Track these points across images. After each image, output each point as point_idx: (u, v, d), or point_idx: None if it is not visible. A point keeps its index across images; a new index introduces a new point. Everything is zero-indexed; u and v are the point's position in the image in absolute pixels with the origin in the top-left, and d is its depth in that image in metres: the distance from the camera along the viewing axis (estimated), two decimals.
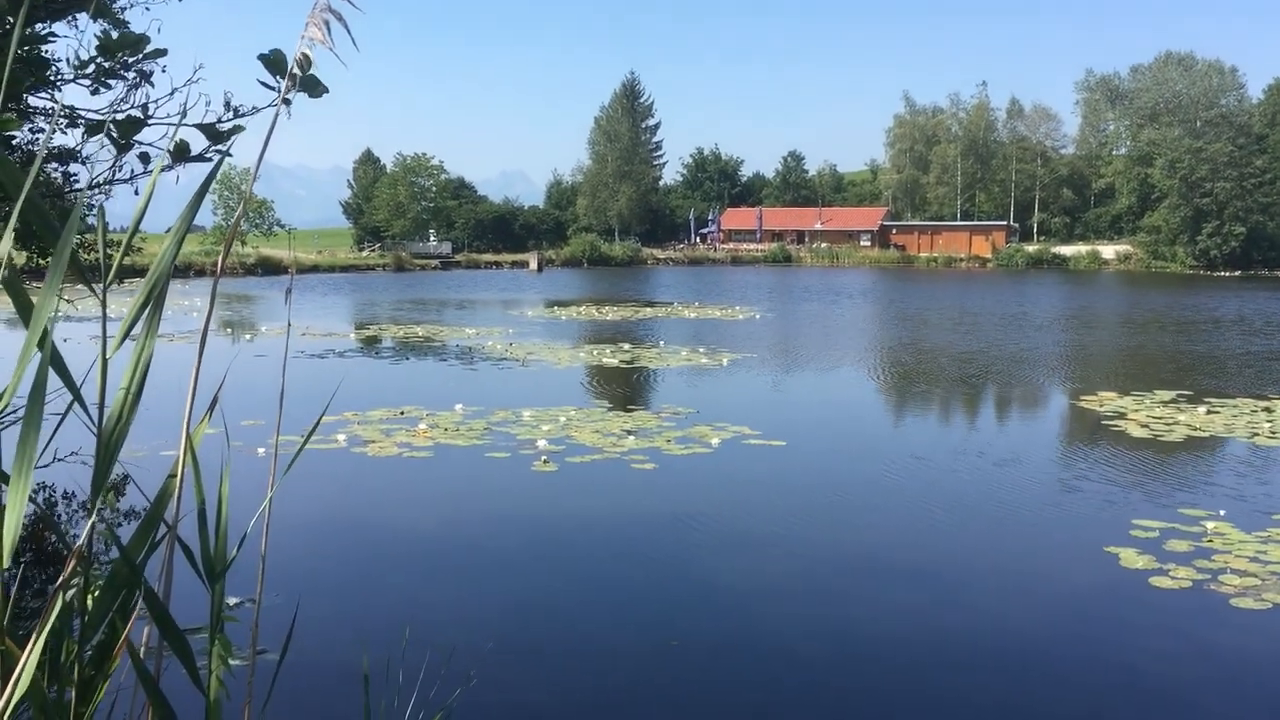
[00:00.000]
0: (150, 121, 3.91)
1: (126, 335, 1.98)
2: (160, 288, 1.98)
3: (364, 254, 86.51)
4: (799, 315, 39.95)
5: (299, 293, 50.47)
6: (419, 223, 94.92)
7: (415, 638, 6.26)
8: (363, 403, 16.93)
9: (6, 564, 1.77)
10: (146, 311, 1.98)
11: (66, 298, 2.80)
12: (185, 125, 3.71)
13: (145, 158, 3.85)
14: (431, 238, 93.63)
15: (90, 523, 1.87)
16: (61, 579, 1.85)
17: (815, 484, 12.37)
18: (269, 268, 68.55)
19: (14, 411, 2.37)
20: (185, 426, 2.08)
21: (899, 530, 10.39)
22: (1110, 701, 6.57)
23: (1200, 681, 6.91)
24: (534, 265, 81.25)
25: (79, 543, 1.88)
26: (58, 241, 1.81)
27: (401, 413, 16.18)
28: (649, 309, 41.15)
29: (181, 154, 3.61)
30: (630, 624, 7.86)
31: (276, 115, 2.40)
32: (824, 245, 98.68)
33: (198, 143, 3.61)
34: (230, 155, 3.39)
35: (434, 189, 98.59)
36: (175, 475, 2.05)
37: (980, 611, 8.18)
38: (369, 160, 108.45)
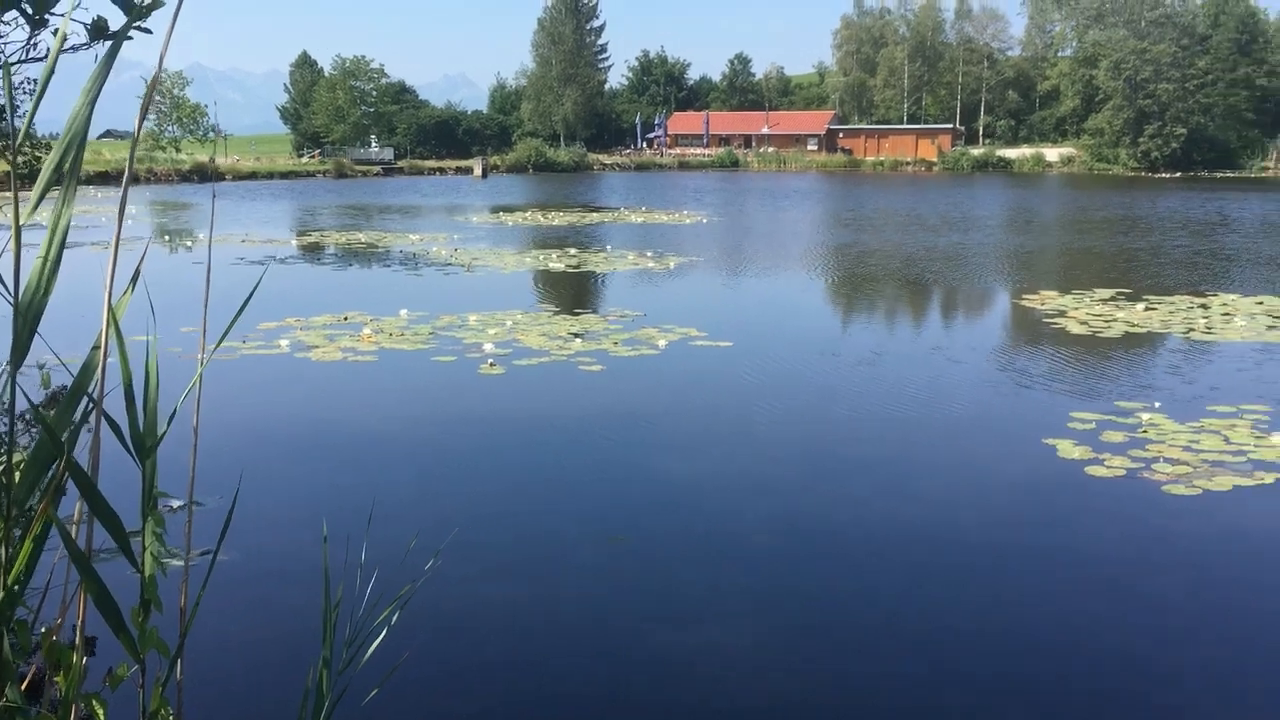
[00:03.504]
0: None
1: (40, 200, 1.90)
2: (75, 152, 1.89)
3: (303, 160, 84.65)
4: (746, 219, 39.87)
5: (238, 200, 49.39)
6: (359, 128, 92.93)
7: (368, 535, 6.25)
8: (306, 309, 16.70)
9: None
10: (63, 178, 1.89)
11: None
12: None
13: (62, 36, 3.68)
14: (373, 143, 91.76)
15: (7, 390, 1.81)
16: None
17: (761, 383, 12.46)
18: (205, 174, 66.90)
19: None
20: (107, 299, 2.01)
21: (845, 425, 10.53)
22: (1048, 581, 6.77)
23: (1132, 562, 7.13)
24: (478, 171, 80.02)
25: None
26: None
27: (345, 318, 16.00)
28: (595, 214, 40.82)
29: (100, 32, 3.46)
30: (579, 520, 7.92)
31: None
32: (771, 150, 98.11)
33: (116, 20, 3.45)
34: (149, 32, 3.25)
35: (374, 93, 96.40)
36: (99, 347, 1.99)
37: (925, 501, 8.34)
38: (306, 64, 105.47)
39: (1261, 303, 17.75)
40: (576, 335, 14.71)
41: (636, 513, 8.06)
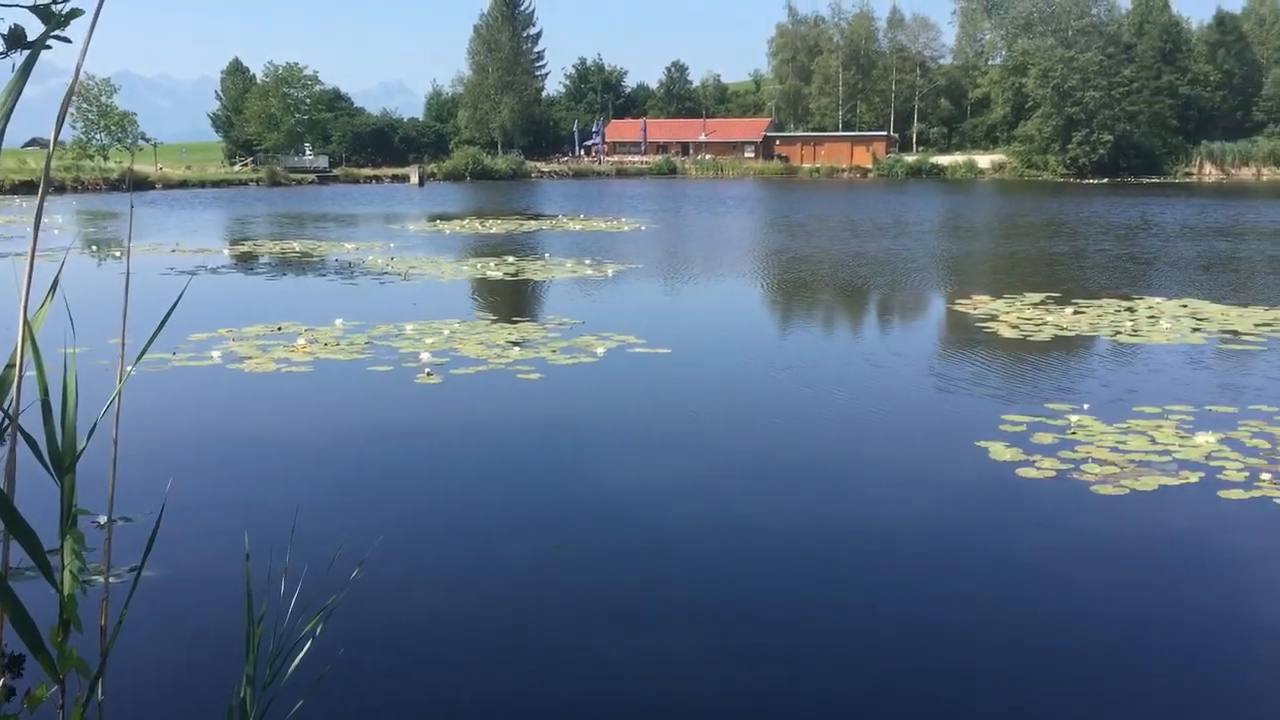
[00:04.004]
0: None
1: None
2: None
3: (236, 168, 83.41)
4: (684, 226, 40.04)
5: (167, 209, 48.52)
6: (293, 136, 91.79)
7: (297, 548, 6.17)
8: (238, 319, 16.46)
9: None
10: None
11: None
12: (15, 5, 3.46)
13: None
14: (307, 151, 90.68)
15: None
16: None
17: (700, 389, 12.51)
18: (136, 183, 65.59)
19: None
20: (22, 311, 1.97)
21: (783, 431, 10.60)
22: (982, 583, 6.87)
23: (1062, 563, 7.26)
24: (415, 179, 79.43)
25: None
26: None
27: (279, 328, 15.79)
28: (533, 222, 40.73)
29: (17, 40, 3.39)
30: (517, 529, 7.89)
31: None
32: (708, 157, 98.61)
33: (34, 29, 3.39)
34: (69, 40, 3.19)
35: (308, 101, 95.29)
36: (14, 365, 1.95)
37: (861, 505, 8.43)
38: (238, 70, 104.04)
39: (1185, 305, 18.19)
40: (515, 343, 14.66)
41: (575, 521, 8.04)
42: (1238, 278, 23.20)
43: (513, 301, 19.77)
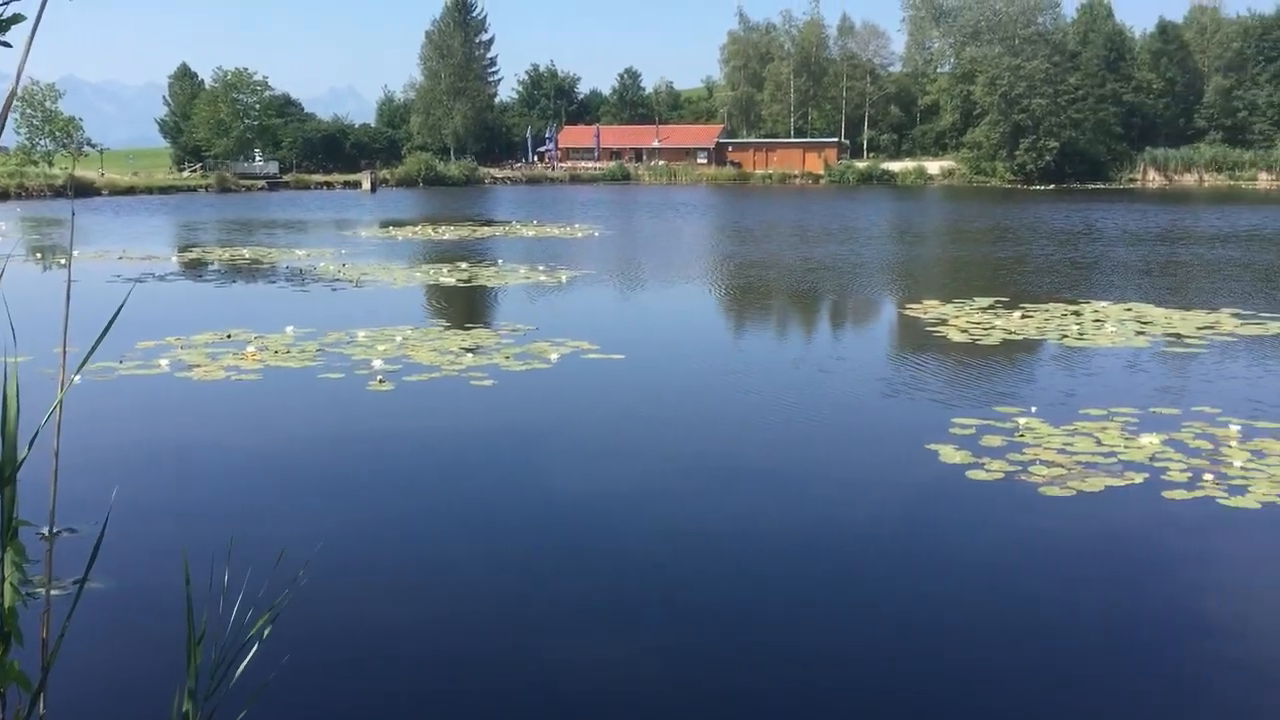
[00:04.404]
0: None
1: None
2: None
3: (184, 174, 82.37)
4: (638, 232, 40.11)
5: (113, 215, 47.80)
6: (243, 142, 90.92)
7: (244, 558, 6.10)
8: (187, 327, 16.25)
9: None
10: None
11: None
12: None
13: None
14: (257, 157, 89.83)
15: None
16: None
17: (654, 395, 12.54)
18: (81, 189, 64.58)
19: None
20: None
21: (735, 436, 10.65)
22: (929, 581, 6.94)
23: (1011, 564, 7.37)
24: (367, 185, 78.86)
25: None
26: None
27: (229, 336, 15.61)
28: (487, 228, 40.60)
29: None
30: (468, 536, 7.86)
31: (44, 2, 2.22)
32: (662, 163, 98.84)
33: None
34: (9, 45, 3.15)
35: (258, 106, 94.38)
36: None
37: (815, 507, 8.50)
38: (186, 76, 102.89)
39: (1130, 309, 18.50)
40: (468, 350, 14.60)
41: (527, 527, 8.03)
42: (1178, 281, 23.65)
43: (466, 308, 19.70)
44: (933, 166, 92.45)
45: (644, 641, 6.18)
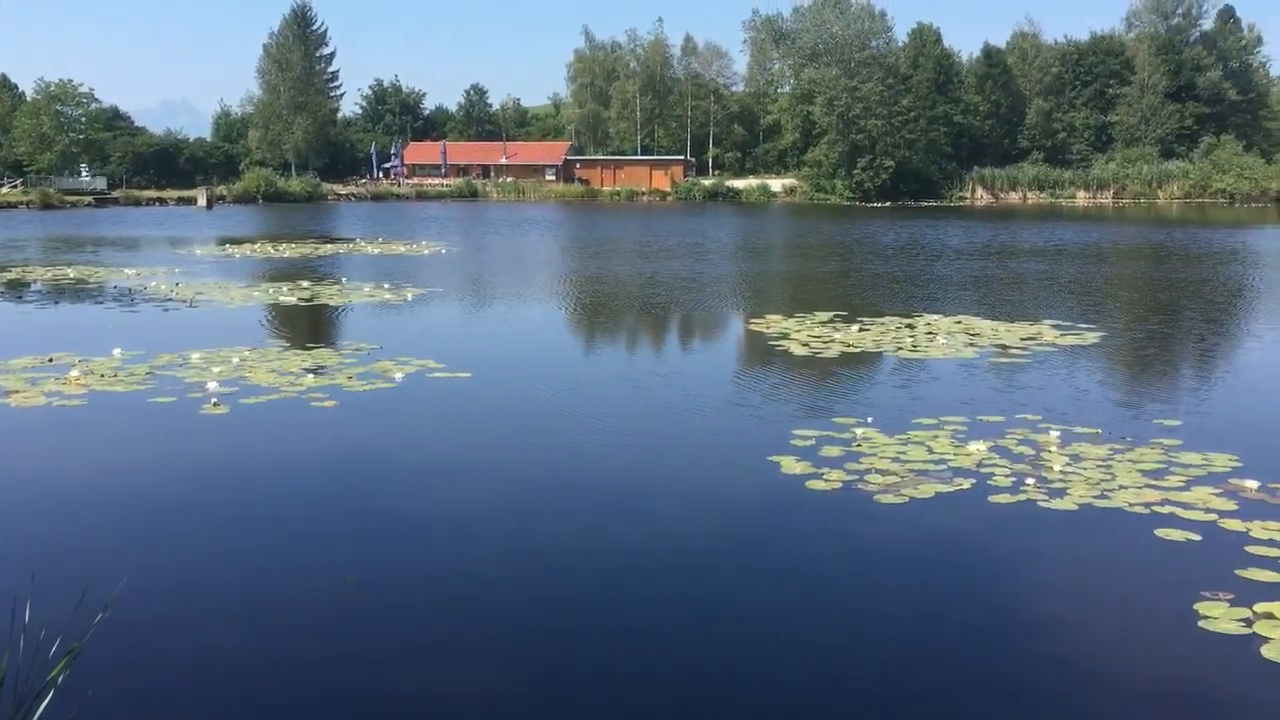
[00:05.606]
0: None
1: None
2: None
3: (4, 190, 77.95)
4: (486, 249, 39.83)
5: None
6: (68, 156, 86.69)
7: (55, 594, 5.80)
8: (2, 350, 15.38)
9: None
10: None
11: None
12: None
13: None
14: (83, 172, 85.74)
15: None
16: None
17: (500, 413, 12.46)
18: None
19: None
20: None
21: (582, 452, 10.66)
22: (770, 592, 7.08)
23: (849, 569, 7.59)
24: (203, 202, 76.00)
25: None
26: None
27: (50, 360, 14.82)
28: (330, 245, 39.68)
29: None
30: (308, 563, 7.65)
31: None
32: (510, 180, 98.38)
33: None
34: None
35: (84, 119, 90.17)
36: None
37: (659, 521, 8.57)
38: (5, 87, 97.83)
39: (960, 321, 19.28)
40: (309, 371, 14.23)
41: (370, 552, 7.86)
42: (1000, 295, 24.76)
43: (307, 327, 19.20)
44: (776, 184, 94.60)
45: (487, 666, 6.12)
